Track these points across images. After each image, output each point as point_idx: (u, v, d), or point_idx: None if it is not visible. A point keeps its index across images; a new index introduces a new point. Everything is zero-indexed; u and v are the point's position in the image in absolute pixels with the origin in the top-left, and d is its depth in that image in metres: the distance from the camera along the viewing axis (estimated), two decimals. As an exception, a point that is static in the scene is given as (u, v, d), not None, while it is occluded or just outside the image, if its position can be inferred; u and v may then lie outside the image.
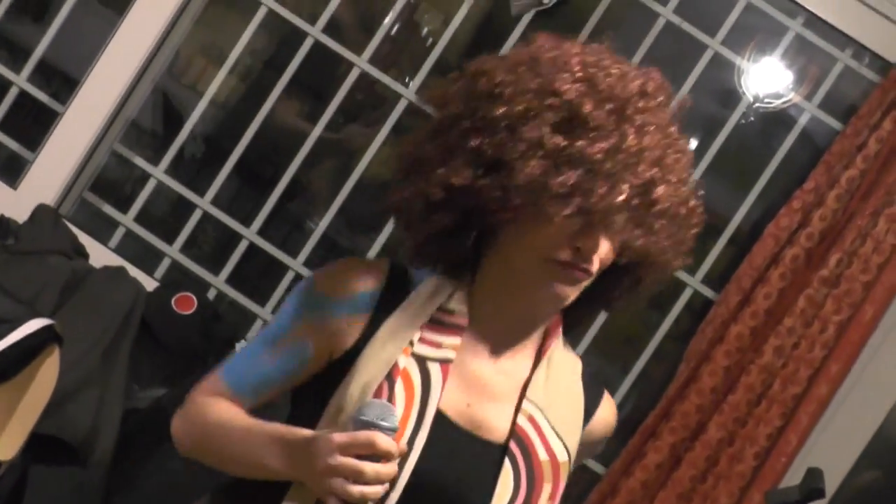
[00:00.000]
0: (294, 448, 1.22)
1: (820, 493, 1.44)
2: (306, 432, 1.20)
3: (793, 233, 2.27)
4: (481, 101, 1.15)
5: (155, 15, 2.45)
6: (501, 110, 1.12)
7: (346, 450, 1.11)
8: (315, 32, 2.44)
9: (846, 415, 2.36)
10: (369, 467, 1.11)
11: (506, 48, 2.38)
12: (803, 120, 2.41)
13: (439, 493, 1.27)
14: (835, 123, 2.34)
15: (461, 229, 1.20)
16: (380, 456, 1.12)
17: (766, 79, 2.48)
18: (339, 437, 1.12)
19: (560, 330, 1.28)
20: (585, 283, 1.19)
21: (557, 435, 1.28)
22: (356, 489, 1.11)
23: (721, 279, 2.33)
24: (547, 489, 1.27)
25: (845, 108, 2.40)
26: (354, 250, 2.53)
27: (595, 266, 1.17)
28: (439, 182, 1.13)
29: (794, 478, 2.09)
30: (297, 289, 1.41)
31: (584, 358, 1.64)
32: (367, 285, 1.31)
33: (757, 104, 2.52)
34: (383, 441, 1.11)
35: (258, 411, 1.32)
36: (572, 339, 1.38)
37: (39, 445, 2.21)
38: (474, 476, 1.29)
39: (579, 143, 1.12)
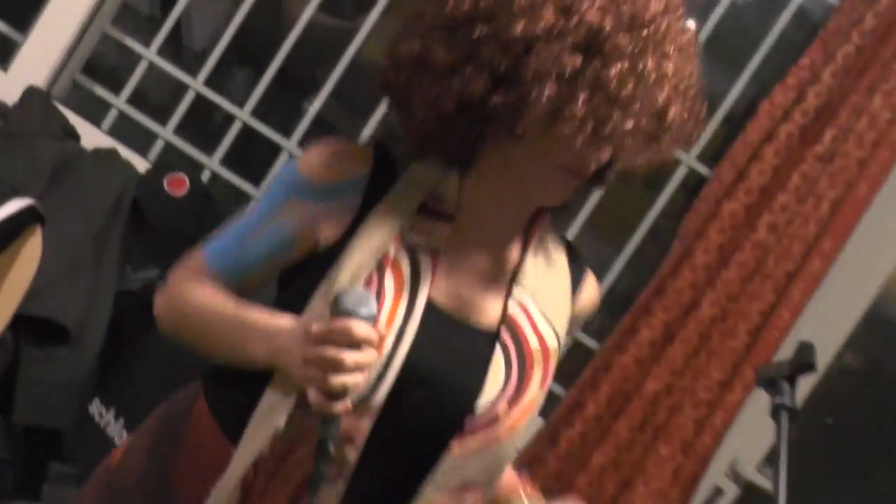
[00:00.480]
0: (274, 337, 1.22)
1: (811, 368, 1.33)
2: (286, 321, 1.20)
3: (787, 109, 2.28)
4: (500, 8, 1.13)
5: None
6: (520, 26, 1.10)
7: (323, 340, 1.11)
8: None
9: (838, 292, 2.39)
10: (348, 356, 1.10)
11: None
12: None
13: (431, 382, 1.26)
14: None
15: (466, 131, 1.19)
16: (359, 344, 1.12)
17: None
18: (316, 327, 1.12)
19: (547, 215, 1.29)
20: None
21: (547, 320, 1.29)
22: (336, 379, 1.10)
23: (716, 156, 2.36)
24: (537, 376, 1.28)
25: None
26: (351, 133, 2.53)
27: (593, 169, 1.21)
28: (451, 94, 1.12)
29: (785, 353, 2.02)
30: (282, 171, 1.51)
31: (579, 239, 1.67)
32: (353, 170, 1.29)
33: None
34: (361, 329, 1.10)
35: (242, 295, 1.32)
36: (565, 220, 1.40)
37: (32, 328, 2.25)
38: (466, 365, 1.29)
39: (596, 65, 1.12)
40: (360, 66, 2.46)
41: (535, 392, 1.29)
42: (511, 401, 1.28)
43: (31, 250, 2.01)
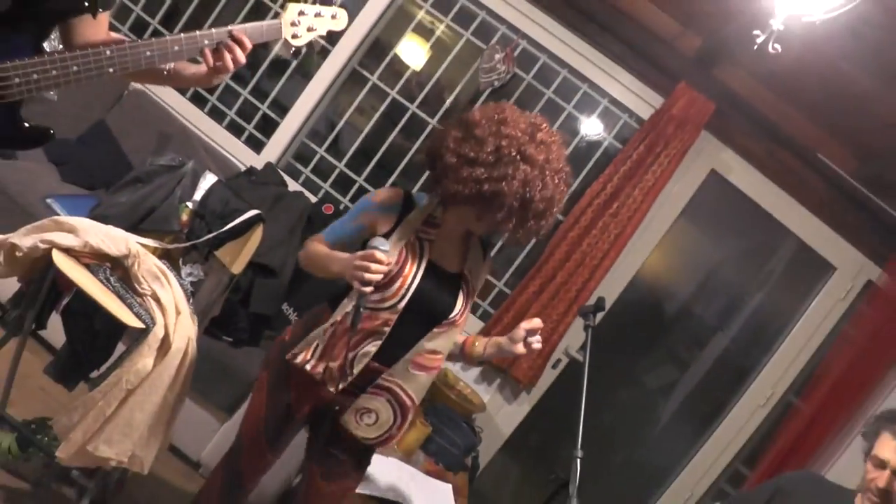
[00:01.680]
0: (343, 260, 2.09)
1: (602, 308, 2.28)
2: (350, 255, 2.07)
3: (598, 193, 4.05)
4: (462, 139, 2.05)
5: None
6: (472, 166, 2.01)
7: (363, 257, 1.98)
8: None
9: (616, 275, 4.24)
10: (372, 265, 1.98)
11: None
12: (605, 144, 4.31)
13: (428, 301, 2.16)
14: (619, 146, 4.23)
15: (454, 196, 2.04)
16: (377, 262, 1.99)
17: (589, 125, 4.36)
18: (359, 253, 2.01)
19: (480, 226, 2.17)
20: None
21: (474, 276, 2.26)
22: (366, 275, 1.97)
23: (566, 211, 4.19)
24: (470, 302, 2.27)
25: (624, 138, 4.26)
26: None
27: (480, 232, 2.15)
28: (451, 181, 2.04)
29: (591, 301, 3.07)
30: (364, 199, 2.24)
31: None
32: (394, 200, 2.21)
33: (584, 137, 4.37)
34: (379, 254, 1.98)
35: None
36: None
37: (259, 268, 3.60)
38: (446, 292, 2.20)
39: (493, 184, 1.99)
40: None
41: (467, 312, 2.25)
42: (460, 313, 2.22)
43: (257, 235, 3.00)
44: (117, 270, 2.37)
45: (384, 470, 3.00)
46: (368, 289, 2.00)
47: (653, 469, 4.83)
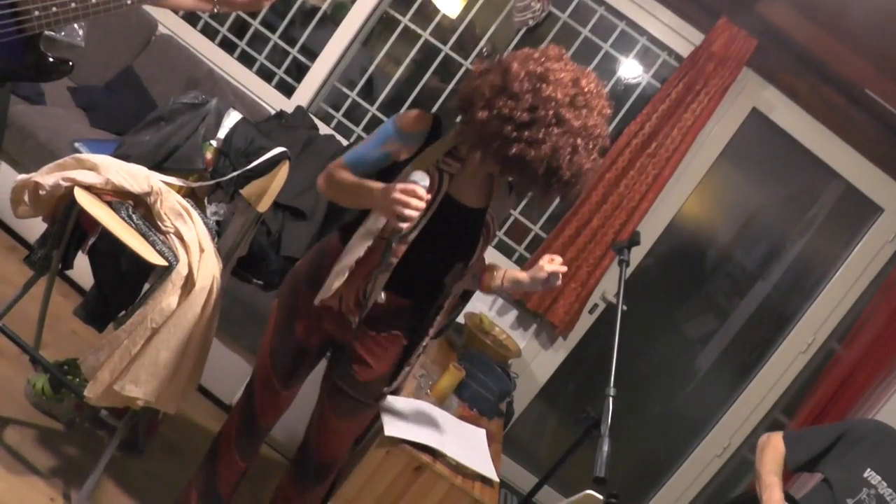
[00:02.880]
0: (378, 190, 1.95)
1: (637, 242, 2.25)
2: (380, 185, 1.96)
3: (636, 133, 3.94)
4: (503, 94, 1.87)
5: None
6: (512, 104, 1.85)
7: (402, 190, 1.85)
8: None
9: (655, 214, 4.14)
10: (412, 201, 1.85)
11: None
12: (643, 84, 4.20)
13: (441, 235, 2.09)
14: (657, 85, 4.10)
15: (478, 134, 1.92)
16: (416, 197, 1.86)
17: (626, 65, 4.24)
18: (399, 184, 1.88)
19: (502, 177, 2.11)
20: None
21: (498, 216, 2.19)
22: (406, 211, 1.85)
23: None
24: (487, 244, 2.21)
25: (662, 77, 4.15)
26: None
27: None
28: (480, 120, 1.89)
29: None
30: (388, 122, 2.12)
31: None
32: (421, 128, 2.08)
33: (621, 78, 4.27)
34: (419, 189, 1.87)
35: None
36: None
37: (290, 211, 3.64)
38: (462, 227, 2.14)
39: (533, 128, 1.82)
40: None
41: (485, 249, 2.20)
42: (478, 254, 2.18)
43: (283, 173, 2.75)
44: (140, 208, 2.34)
45: (416, 413, 2.95)
46: (406, 225, 1.91)
47: (690, 419, 4.77)
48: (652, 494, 4.66)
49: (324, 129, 4.22)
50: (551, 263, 2.11)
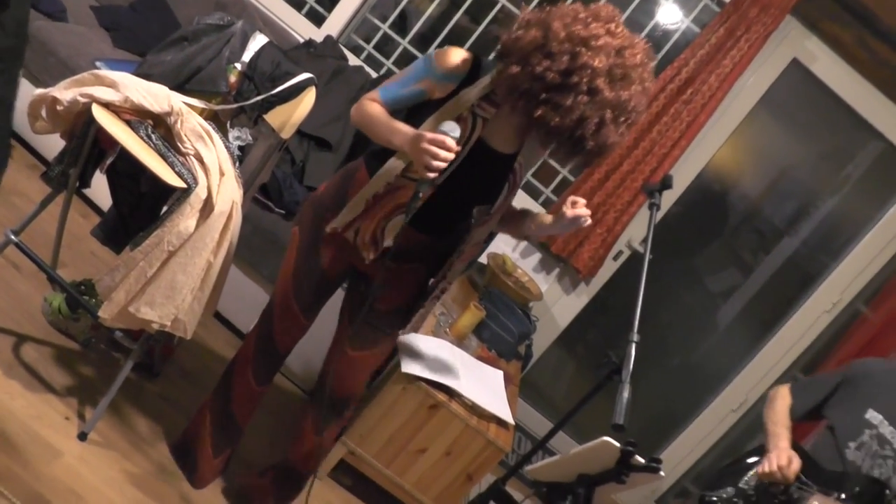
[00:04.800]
0: (408, 135, 1.94)
1: (669, 185, 2.14)
2: (410, 128, 1.96)
3: (672, 78, 3.84)
4: (539, 52, 1.80)
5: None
6: (547, 63, 1.78)
7: (430, 141, 1.84)
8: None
9: (688, 161, 4.06)
10: (440, 153, 1.84)
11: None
12: (683, 28, 4.06)
13: (470, 181, 2.08)
14: (697, 30, 3.97)
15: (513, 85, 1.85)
16: (446, 148, 1.85)
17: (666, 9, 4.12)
18: (429, 134, 1.86)
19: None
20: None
21: (525, 164, 2.15)
22: (432, 163, 1.85)
23: None
24: (515, 192, 2.18)
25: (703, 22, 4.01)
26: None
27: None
28: (518, 73, 1.83)
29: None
30: (424, 58, 2.08)
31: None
32: (459, 67, 2.02)
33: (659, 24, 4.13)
34: (449, 141, 1.85)
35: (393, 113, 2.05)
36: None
37: (315, 141, 3.66)
38: (492, 175, 2.12)
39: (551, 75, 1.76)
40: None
41: (511, 199, 2.17)
42: (502, 201, 2.15)
43: (309, 100, 2.68)
44: (159, 128, 2.28)
45: (434, 352, 2.94)
46: (433, 175, 1.88)
47: (708, 372, 4.75)
48: (665, 445, 4.67)
49: (353, 61, 4.11)
50: (574, 207, 2.04)
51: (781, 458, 2.41)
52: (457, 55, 2.02)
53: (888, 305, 4.12)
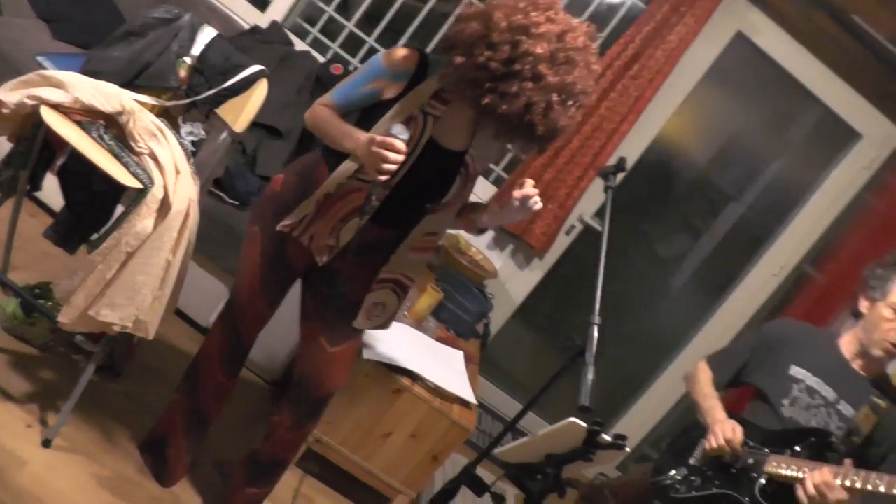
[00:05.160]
0: (359, 139, 1.98)
1: (623, 168, 2.22)
2: (362, 133, 1.99)
3: (618, 55, 3.86)
4: (481, 44, 1.82)
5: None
6: (489, 54, 1.81)
7: (381, 144, 1.88)
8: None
9: (634, 137, 4.10)
10: (390, 156, 1.88)
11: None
12: (629, 4, 4.08)
13: (422, 182, 2.12)
14: (642, 6, 4.00)
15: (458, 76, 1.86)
16: (396, 151, 1.88)
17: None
18: (379, 137, 1.89)
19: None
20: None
21: (478, 157, 2.17)
22: (382, 166, 1.89)
23: None
24: (470, 185, 2.19)
25: None
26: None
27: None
28: (461, 65, 1.84)
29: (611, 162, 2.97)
30: (374, 59, 2.09)
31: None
32: (407, 66, 2.04)
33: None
34: (399, 143, 1.89)
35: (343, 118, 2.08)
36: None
37: (266, 131, 3.62)
38: (443, 173, 2.15)
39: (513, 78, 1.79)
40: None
41: (467, 192, 2.21)
42: (454, 195, 2.16)
43: (261, 92, 2.72)
44: (112, 128, 2.25)
45: (394, 337, 2.96)
46: (384, 177, 1.92)
47: (663, 337, 4.86)
48: (624, 412, 4.78)
49: (299, 45, 4.05)
50: (521, 188, 2.08)
51: (726, 430, 2.48)
52: (405, 53, 2.05)
53: (833, 267, 4.28)
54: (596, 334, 1.90)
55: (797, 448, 2.42)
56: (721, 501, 2.50)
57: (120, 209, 2.34)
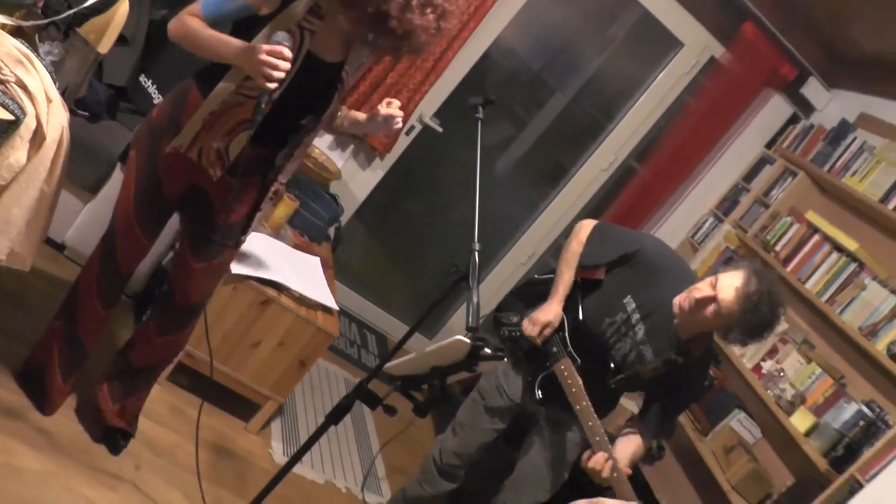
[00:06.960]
0: (241, 48, 1.98)
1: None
2: (241, 42, 2.00)
3: None
4: None
5: None
6: None
7: (269, 52, 1.90)
8: None
9: (476, 42, 4.27)
10: (280, 62, 1.91)
11: None
12: None
13: (303, 94, 2.14)
14: None
15: None
16: (283, 59, 1.91)
17: None
18: (266, 45, 1.92)
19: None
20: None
21: (352, 70, 2.23)
22: (272, 73, 1.91)
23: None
24: (340, 90, 2.23)
25: None
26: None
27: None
28: None
29: None
30: None
31: None
32: None
33: None
34: (286, 51, 1.92)
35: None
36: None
37: None
38: (323, 85, 2.20)
39: None
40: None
41: (338, 107, 2.32)
42: (332, 110, 2.25)
43: (124, 9, 2.66)
44: (-31, 56, 2.11)
45: (258, 249, 3.02)
46: (273, 85, 1.92)
47: (498, 227, 5.06)
48: (460, 303, 4.96)
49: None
50: (388, 107, 2.17)
51: (548, 316, 2.63)
52: None
53: (656, 163, 4.67)
54: (477, 260, 2.03)
55: (586, 362, 2.60)
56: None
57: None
